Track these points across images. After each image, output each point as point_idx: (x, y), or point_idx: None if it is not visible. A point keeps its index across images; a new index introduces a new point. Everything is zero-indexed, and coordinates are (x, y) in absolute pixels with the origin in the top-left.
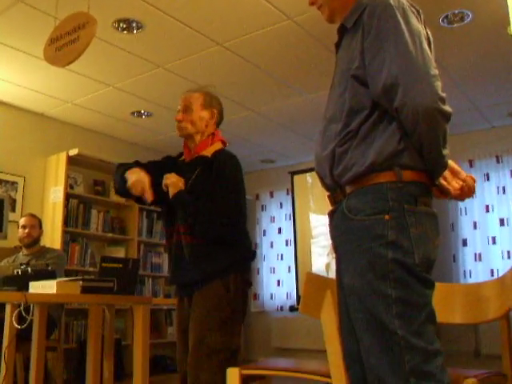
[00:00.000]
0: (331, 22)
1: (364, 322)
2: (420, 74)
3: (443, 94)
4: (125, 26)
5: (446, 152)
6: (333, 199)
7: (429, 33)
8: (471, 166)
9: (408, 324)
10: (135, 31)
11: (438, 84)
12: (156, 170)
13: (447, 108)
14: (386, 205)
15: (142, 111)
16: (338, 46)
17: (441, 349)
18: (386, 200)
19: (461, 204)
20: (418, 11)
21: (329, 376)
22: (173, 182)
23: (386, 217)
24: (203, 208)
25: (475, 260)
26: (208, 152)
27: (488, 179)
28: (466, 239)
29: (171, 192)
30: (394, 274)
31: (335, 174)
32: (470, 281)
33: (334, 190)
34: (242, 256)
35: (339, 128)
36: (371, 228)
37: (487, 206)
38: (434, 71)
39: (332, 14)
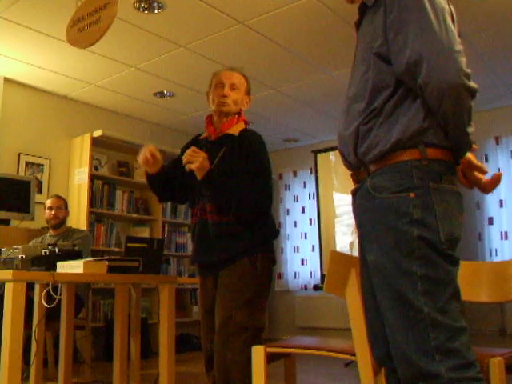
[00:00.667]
0: (351, 2)
1: (389, 299)
2: (444, 50)
3: (468, 70)
4: (146, 5)
5: (470, 130)
6: (356, 178)
7: (452, 9)
8: (497, 143)
9: (433, 301)
10: (156, 11)
11: (463, 60)
12: (178, 168)
13: (472, 84)
14: (411, 183)
15: (165, 92)
16: (358, 24)
17: (466, 326)
18: (410, 178)
19: None
20: None
21: (353, 354)
22: (200, 163)
23: (411, 195)
24: (236, 189)
25: (501, 238)
26: (234, 131)
27: None
28: (491, 217)
29: (200, 174)
30: (420, 252)
31: (359, 153)
32: (496, 259)
33: (358, 168)
34: (267, 235)
35: (363, 106)
36: (396, 206)
37: None
38: (459, 47)
39: None
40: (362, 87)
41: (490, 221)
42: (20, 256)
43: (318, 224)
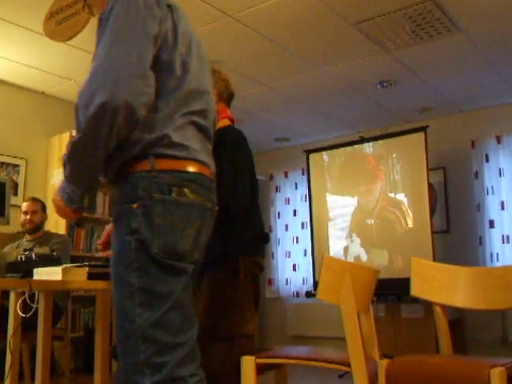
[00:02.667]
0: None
1: (115, 310)
2: (102, 67)
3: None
4: None
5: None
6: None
7: (173, 15)
8: (499, 142)
9: (148, 314)
10: None
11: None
12: None
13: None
14: (136, 194)
15: None
16: None
17: (183, 341)
18: (137, 189)
19: (487, 183)
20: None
21: (348, 364)
22: None
23: (135, 205)
24: None
25: (503, 242)
26: None
27: None
28: (492, 220)
29: None
30: (138, 263)
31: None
32: (497, 264)
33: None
34: (250, 237)
35: None
36: (122, 217)
37: None
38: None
39: None
40: None
41: (491, 224)
42: None
43: (311, 227)
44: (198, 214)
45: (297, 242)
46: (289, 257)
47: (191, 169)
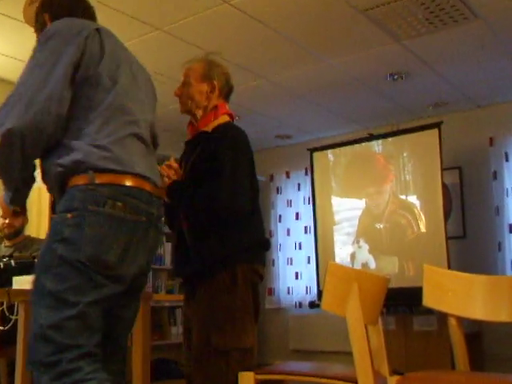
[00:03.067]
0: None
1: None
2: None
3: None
4: None
5: None
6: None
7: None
8: None
9: (51, 316)
10: None
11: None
12: None
13: None
14: (72, 205)
15: None
16: None
17: (82, 344)
18: (73, 200)
19: (507, 184)
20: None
21: (354, 381)
22: (164, 181)
23: (69, 215)
24: (187, 193)
25: None
26: (209, 127)
27: None
28: None
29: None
30: (58, 269)
31: None
32: None
33: None
34: (250, 243)
35: None
36: (56, 225)
37: None
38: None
39: None
40: None
41: (511, 228)
42: None
43: (315, 232)
44: (128, 229)
45: (299, 247)
46: (291, 264)
47: (128, 183)
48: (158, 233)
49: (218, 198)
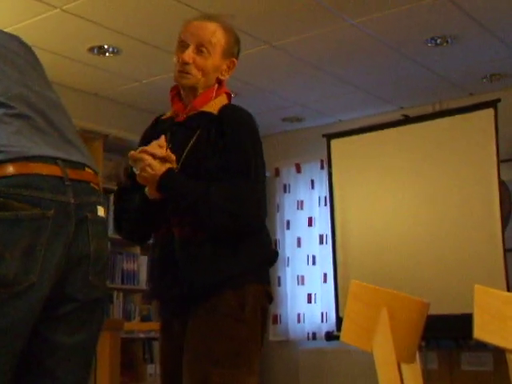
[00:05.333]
0: None
1: None
2: None
3: None
4: None
5: None
6: None
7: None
8: None
9: None
10: None
11: None
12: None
13: None
14: None
15: (106, 46)
16: None
17: None
18: None
19: None
20: None
21: None
22: (150, 173)
23: None
24: (207, 190)
25: None
26: (211, 107)
27: None
28: None
29: (151, 184)
30: None
31: None
32: None
33: None
34: (260, 258)
35: None
36: None
37: None
38: None
39: None
40: None
41: None
42: None
43: (333, 242)
44: (26, 229)
45: (313, 262)
46: (302, 283)
47: (13, 170)
48: (92, 225)
49: (247, 203)
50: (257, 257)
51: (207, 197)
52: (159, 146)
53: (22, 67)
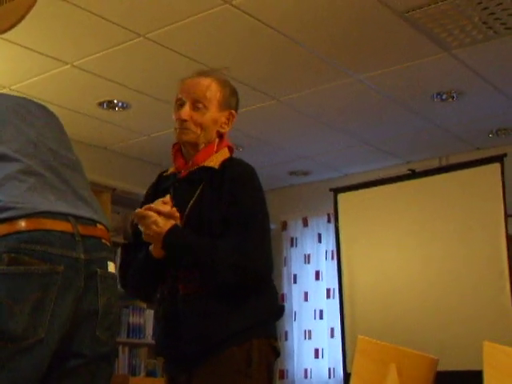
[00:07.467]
0: None
1: None
2: None
3: None
4: None
5: None
6: None
7: None
8: None
9: None
10: None
11: None
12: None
13: None
14: None
15: (115, 101)
16: None
17: None
18: None
19: None
20: None
21: None
22: (155, 230)
23: None
24: (212, 245)
25: None
26: (213, 162)
27: None
28: None
29: (156, 242)
30: None
31: None
32: None
33: None
34: (266, 313)
35: None
36: None
37: None
38: None
39: None
40: None
41: None
42: None
43: (340, 297)
44: (36, 284)
45: (320, 317)
46: (309, 338)
47: (25, 226)
48: (102, 281)
49: (253, 256)
50: (263, 311)
51: (212, 251)
52: (164, 203)
53: (39, 128)
